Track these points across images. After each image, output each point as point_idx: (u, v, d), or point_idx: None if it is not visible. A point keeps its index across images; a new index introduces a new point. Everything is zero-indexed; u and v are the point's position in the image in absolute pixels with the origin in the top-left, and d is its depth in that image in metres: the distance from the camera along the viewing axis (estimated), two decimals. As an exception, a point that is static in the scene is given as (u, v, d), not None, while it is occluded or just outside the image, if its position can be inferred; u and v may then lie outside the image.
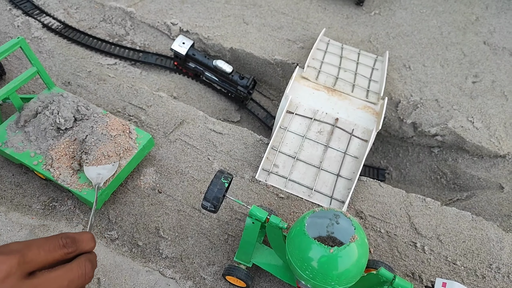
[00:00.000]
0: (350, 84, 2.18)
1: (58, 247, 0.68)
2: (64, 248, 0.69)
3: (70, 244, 0.70)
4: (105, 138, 1.64)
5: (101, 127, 1.68)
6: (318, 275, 1.14)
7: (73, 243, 0.71)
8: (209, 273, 1.59)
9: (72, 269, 0.69)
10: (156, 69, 2.60)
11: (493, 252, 1.75)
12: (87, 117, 1.74)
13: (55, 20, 2.52)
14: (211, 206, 1.29)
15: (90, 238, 0.76)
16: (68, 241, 0.70)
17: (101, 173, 1.56)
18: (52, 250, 0.68)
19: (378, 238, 1.75)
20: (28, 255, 0.63)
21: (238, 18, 2.68)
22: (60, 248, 0.69)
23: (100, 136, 1.63)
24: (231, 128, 2.03)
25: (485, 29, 2.81)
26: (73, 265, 0.70)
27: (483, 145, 2.21)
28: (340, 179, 1.85)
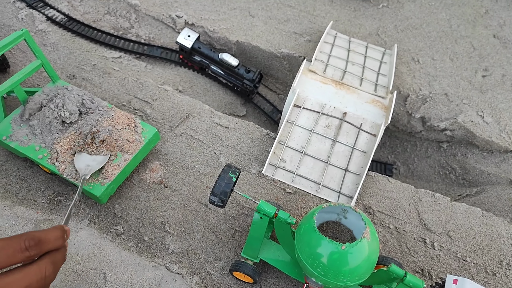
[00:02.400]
0: (358, 77, 2.15)
1: (19, 251, 0.65)
2: (26, 252, 0.65)
3: (33, 247, 0.66)
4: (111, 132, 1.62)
5: (107, 121, 1.65)
6: (330, 271, 1.12)
7: (37, 246, 0.67)
8: (216, 269, 1.57)
9: (29, 273, 0.65)
10: (161, 63, 2.58)
11: (504, 248, 1.72)
12: (92, 110, 1.72)
13: (59, 13, 2.49)
14: (218, 201, 1.27)
15: (58, 236, 0.71)
16: (32, 244, 0.66)
17: (90, 164, 1.53)
18: (12, 256, 0.64)
19: (387, 234, 1.73)
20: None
21: (244, 11, 2.64)
22: (21, 252, 0.65)
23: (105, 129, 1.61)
24: (237, 122, 2.01)
25: (494, 22, 2.76)
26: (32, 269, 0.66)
27: (493, 140, 2.17)
28: (348, 174, 1.82)
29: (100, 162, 1.56)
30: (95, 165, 1.53)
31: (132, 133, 1.69)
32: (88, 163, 1.53)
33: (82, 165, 1.52)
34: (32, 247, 0.65)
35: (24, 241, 0.65)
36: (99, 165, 1.54)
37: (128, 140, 1.67)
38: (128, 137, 1.67)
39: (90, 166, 1.52)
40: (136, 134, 1.70)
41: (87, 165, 1.52)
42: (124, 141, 1.66)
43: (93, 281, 1.44)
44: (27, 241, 0.65)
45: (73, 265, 1.46)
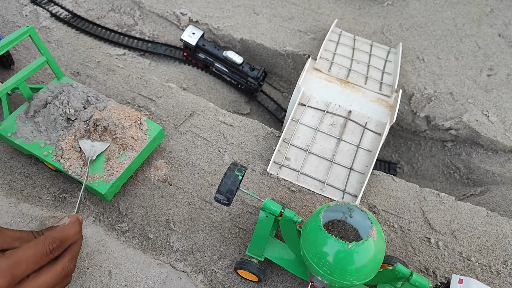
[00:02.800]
0: (363, 76, 2.14)
1: (46, 255, 0.73)
2: (50, 254, 0.74)
3: (56, 249, 0.76)
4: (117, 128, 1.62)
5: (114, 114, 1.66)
6: (336, 270, 1.12)
7: (59, 247, 0.76)
8: (221, 267, 1.57)
9: (56, 272, 0.75)
10: (166, 60, 2.57)
11: (509, 248, 1.72)
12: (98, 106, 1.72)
13: (64, 10, 2.49)
14: (224, 199, 1.26)
15: (77, 231, 0.81)
16: (55, 246, 0.75)
17: (95, 145, 1.60)
18: (40, 261, 0.72)
19: (392, 233, 1.73)
20: (17, 274, 0.66)
21: (248, 9, 2.63)
22: (47, 255, 0.73)
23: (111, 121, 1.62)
24: (242, 120, 2.00)
25: (500, 21, 2.74)
26: (57, 268, 0.76)
27: (498, 139, 2.16)
28: (353, 172, 1.82)
29: (103, 145, 1.62)
30: (99, 147, 1.60)
31: (137, 131, 1.69)
32: (93, 144, 1.60)
33: (87, 147, 1.58)
34: (55, 249, 0.76)
35: (48, 245, 0.74)
36: (103, 146, 1.61)
37: (133, 137, 1.67)
38: (133, 134, 1.67)
39: (95, 147, 1.59)
40: (141, 132, 1.70)
41: (92, 146, 1.59)
42: (129, 139, 1.66)
43: (98, 278, 1.44)
44: (51, 244, 0.74)
45: (78, 262, 1.46)
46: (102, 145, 1.61)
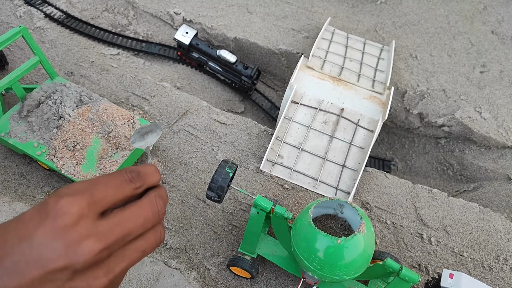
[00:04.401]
0: (355, 73, 2.15)
1: (125, 182, 0.62)
2: (131, 183, 0.63)
3: (137, 178, 0.63)
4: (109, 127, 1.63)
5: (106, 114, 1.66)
6: (326, 265, 1.13)
7: (139, 177, 0.64)
8: (214, 264, 1.58)
9: (143, 206, 0.63)
10: (159, 59, 2.58)
11: (501, 243, 1.73)
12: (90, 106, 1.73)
13: (58, 10, 2.49)
14: (215, 196, 1.27)
15: (155, 170, 0.68)
16: (134, 175, 0.63)
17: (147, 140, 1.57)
18: (120, 186, 0.61)
19: (384, 229, 1.74)
20: (96, 194, 0.57)
21: (242, 8, 2.64)
22: (127, 183, 0.62)
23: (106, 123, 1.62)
24: (235, 119, 2.01)
25: (493, 18, 2.76)
26: (144, 202, 0.64)
27: (490, 135, 2.17)
28: (346, 169, 1.83)
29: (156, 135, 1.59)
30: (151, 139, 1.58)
31: (130, 130, 1.70)
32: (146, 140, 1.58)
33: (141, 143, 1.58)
34: (135, 178, 0.63)
35: (125, 173, 0.63)
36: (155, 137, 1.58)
37: (126, 136, 1.67)
38: (126, 133, 1.68)
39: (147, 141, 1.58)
40: (134, 130, 1.71)
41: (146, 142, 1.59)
42: (122, 137, 1.67)
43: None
44: (128, 173, 0.63)
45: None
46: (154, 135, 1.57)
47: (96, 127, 1.66)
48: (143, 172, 0.65)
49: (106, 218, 0.56)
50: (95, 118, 1.66)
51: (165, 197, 0.68)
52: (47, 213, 0.51)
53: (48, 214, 0.51)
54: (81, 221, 0.52)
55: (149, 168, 0.66)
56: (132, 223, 0.59)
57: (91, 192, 0.56)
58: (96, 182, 0.58)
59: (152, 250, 0.63)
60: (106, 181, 0.59)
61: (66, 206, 0.51)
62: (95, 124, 1.66)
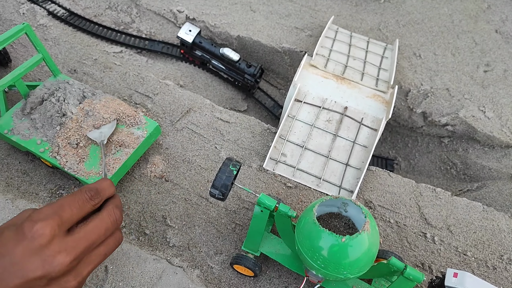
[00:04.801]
0: (359, 72, 2.14)
1: (86, 201, 0.74)
2: (91, 201, 0.75)
3: (95, 196, 0.75)
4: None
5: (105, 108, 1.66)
6: (330, 264, 1.12)
7: (97, 194, 0.76)
8: (217, 262, 1.58)
9: (103, 218, 0.75)
10: (163, 57, 2.58)
11: (504, 243, 1.72)
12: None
13: (61, 8, 2.49)
14: (219, 194, 1.27)
15: (110, 184, 0.81)
16: (93, 193, 0.75)
17: (103, 131, 1.64)
18: (82, 206, 0.73)
19: (388, 228, 1.73)
20: (63, 216, 0.68)
21: (245, 6, 2.64)
22: (88, 201, 0.74)
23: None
24: (238, 117, 2.01)
25: (497, 17, 2.75)
26: (104, 214, 0.76)
27: (494, 135, 2.17)
28: (349, 168, 1.83)
29: (110, 127, 1.65)
30: (106, 130, 1.63)
31: (134, 127, 1.70)
32: (100, 131, 1.63)
33: (96, 135, 1.61)
34: (94, 196, 0.76)
35: (85, 192, 0.75)
36: (110, 129, 1.64)
37: (129, 133, 1.67)
38: (129, 130, 1.68)
39: (102, 132, 1.63)
40: (137, 128, 1.70)
41: (100, 132, 1.62)
42: (125, 135, 1.66)
43: (94, 273, 1.44)
44: (88, 192, 0.75)
45: (75, 258, 1.47)
46: (109, 127, 1.64)
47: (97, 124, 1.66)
48: (100, 188, 0.78)
49: (73, 234, 0.69)
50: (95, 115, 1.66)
51: (121, 206, 0.84)
52: (24, 235, 0.63)
53: (25, 236, 0.63)
54: (53, 240, 0.65)
55: (105, 183, 0.80)
56: (95, 234, 0.72)
57: (59, 215, 0.67)
58: (62, 205, 0.69)
59: (112, 252, 0.79)
60: (71, 203, 0.71)
61: (41, 230, 0.64)
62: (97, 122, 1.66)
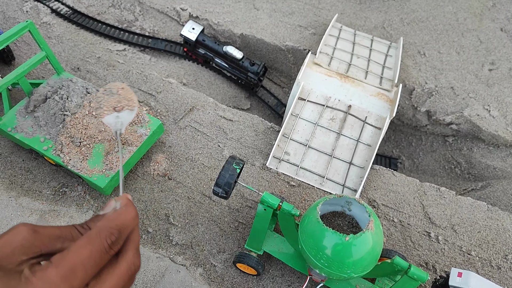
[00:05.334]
0: (363, 70, 2.13)
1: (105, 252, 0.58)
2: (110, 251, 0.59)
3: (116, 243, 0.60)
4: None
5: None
6: (334, 263, 1.12)
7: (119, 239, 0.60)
8: (220, 260, 1.58)
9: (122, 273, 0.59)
10: (166, 55, 2.57)
11: (509, 242, 1.71)
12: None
13: (64, 6, 2.49)
14: (222, 192, 1.26)
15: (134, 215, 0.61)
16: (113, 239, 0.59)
17: (120, 116, 1.37)
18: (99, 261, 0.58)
19: (391, 228, 1.72)
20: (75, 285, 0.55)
21: (248, 4, 2.63)
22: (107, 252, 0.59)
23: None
24: (242, 115, 2.00)
25: (502, 16, 2.72)
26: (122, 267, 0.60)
27: (499, 134, 2.15)
28: (353, 167, 1.82)
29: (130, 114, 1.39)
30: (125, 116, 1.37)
31: (137, 125, 1.69)
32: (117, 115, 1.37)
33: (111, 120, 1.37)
34: (115, 243, 0.60)
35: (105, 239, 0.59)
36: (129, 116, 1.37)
37: (132, 132, 1.67)
38: (132, 129, 1.67)
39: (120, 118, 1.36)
40: (140, 126, 1.70)
41: (117, 117, 1.38)
42: (129, 133, 1.66)
43: (97, 271, 1.44)
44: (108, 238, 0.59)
45: (78, 256, 1.47)
46: (128, 114, 1.39)
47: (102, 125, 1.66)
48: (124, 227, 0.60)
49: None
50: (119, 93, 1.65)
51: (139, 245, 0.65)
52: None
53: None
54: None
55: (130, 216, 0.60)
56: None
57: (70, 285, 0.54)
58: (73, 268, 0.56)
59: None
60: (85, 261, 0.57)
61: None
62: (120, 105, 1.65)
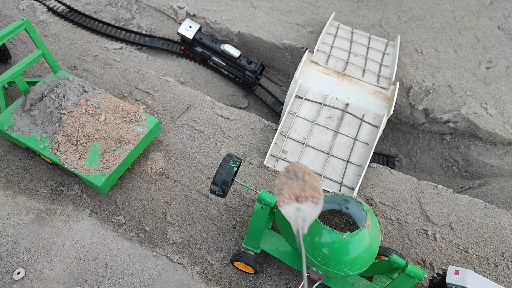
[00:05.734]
0: (360, 69, 2.13)
1: None
2: None
3: None
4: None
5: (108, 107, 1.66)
6: (331, 261, 1.12)
7: None
8: (217, 259, 1.58)
9: None
10: (163, 54, 2.56)
11: (506, 240, 1.71)
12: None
13: (61, 4, 2.48)
14: (219, 190, 1.26)
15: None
16: None
17: (301, 209, 1.04)
18: None
19: (389, 226, 1.72)
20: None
21: (246, 2, 2.62)
22: None
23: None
24: (239, 114, 2.00)
25: (499, 14, 2.72)
26: None
27: (496, 132, 2.15)
28: (350, 165, 1.82)
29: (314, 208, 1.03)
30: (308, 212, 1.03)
31: (134, 124, 1.69)
32: (298, 207, 1.04)
33: (290, 211, 1.03)
34: None
35: None
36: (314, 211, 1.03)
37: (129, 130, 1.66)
38: (129, 127, 1.67)
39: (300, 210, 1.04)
40: (137, 125, 1.70)
41: (297, 209, 1.04)
42: (126, 131, 1.66)
43: (94, 270, 1.44)
44: None
45: (75, 255, 1.47)
46: (311, 208, 1.03)
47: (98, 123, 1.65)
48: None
49: None
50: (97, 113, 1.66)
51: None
52: None
53: None
54: None
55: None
56: None
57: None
58: None
59: None
60: None
61: None
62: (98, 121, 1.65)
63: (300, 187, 1.04)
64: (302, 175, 1.06)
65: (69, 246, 1.47)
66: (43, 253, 1.45)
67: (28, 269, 1.41)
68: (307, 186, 1.03)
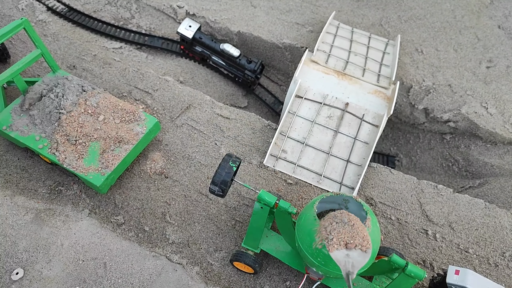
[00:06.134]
0: (360, 68, 2.12)
1: None
2: None
3: None
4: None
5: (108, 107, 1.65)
6: (331, 261, 1.11)
7: None
8: (217, 259, 1.57)
9: None
10: (162, 53, 2.56)
11: (507, 240, 1.71)
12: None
13: (60, 3, 2.48)
14: (219, 190, 1.26)
15: None
16: None
17: (350, 255, 1.08)
18: None
19: (389, 225, 1.72)
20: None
21: (245, 1, 2.61)
22: None
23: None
24: (239, 113, 1.99)
25: (499, 13, 2.72)
26: None
27: (497, 131, 2.15)
28: (350, 165, 1.81)
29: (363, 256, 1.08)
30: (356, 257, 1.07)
31: (133, 123, 1.68)
32: (347, 253, 1.09)
33: (340, 257, 1.07)
34: None
35: None
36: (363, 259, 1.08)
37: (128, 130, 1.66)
38: (128, 127, 1.66)
39: (349, 256, 1.08)
40: (136, 124, 1.69)
41: (346, 255, 1.08)
42: (125, 131, 1.65)
43: (93, 270, 1.44)
44: None
45: (74, 255, 1.46)
46: (360, 255, 1.06)
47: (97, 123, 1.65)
48: None
49: None
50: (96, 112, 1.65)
51: None
52: None
53: None
54: None
55: None
56: None
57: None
58: None
59: None
60: None
61: None
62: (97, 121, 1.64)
63: (349, 234, 1.08)
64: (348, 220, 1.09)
65: (68, 246, 1.46)
66: (42, 253, 1.44)
67: (27, 269, 1.41)
68: (356, 234, 1.05)
